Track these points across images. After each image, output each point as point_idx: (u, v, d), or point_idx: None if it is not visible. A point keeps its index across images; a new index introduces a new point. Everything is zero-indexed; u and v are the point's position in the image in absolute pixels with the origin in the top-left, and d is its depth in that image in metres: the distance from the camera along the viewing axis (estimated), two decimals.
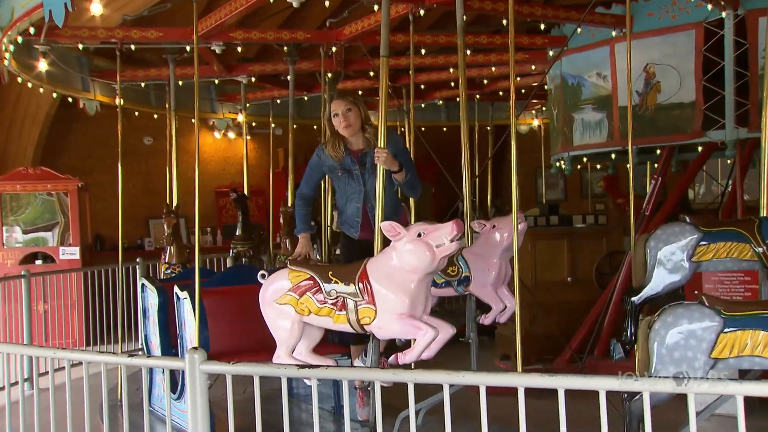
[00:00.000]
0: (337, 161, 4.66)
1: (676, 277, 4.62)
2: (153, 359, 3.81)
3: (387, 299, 3.84)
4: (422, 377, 2.93)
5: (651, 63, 6.78)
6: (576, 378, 2.59)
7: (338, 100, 4.70)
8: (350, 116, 4.61)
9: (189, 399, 3.17)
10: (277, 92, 11.02)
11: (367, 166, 4.64)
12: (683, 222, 4.72)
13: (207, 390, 3.24)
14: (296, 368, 3.22)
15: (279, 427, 3.17)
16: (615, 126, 7.26)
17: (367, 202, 4.66)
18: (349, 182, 4.67)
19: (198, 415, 3.18)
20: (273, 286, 4.12)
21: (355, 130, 4.64)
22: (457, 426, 3.70)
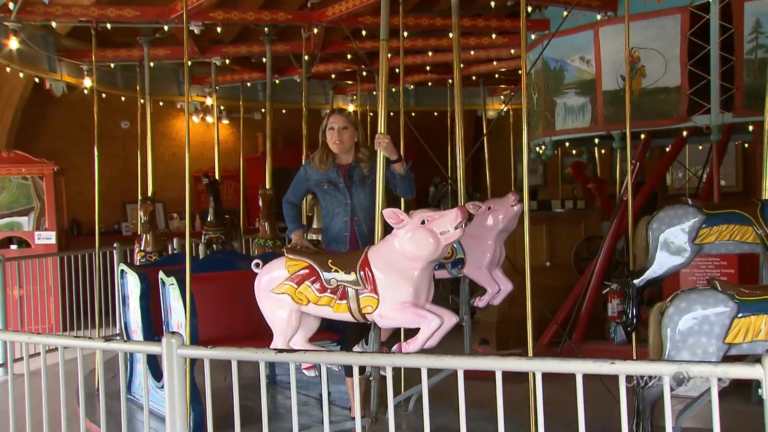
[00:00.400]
0: (323, 174, 4.64)
1: (678, 260, 4.61)
2: (130, 344, 3.78)
3: (390, 287, 3.79)
4: (400, 361, 2.93)
5: (636, 47, 6.71)
6: (552, 361, 2.60)
7: (338, 115, 4.69)
8: (344, 134, 4.61)
9: (167, 383, 3.14)
10: (248, 75, 10.83)
11: (354, 180, 4.62)
12: (686, 204, 4.69)
13: (185, 374, 3.21)
14: (274, 353, 3.19)
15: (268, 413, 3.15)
16: (599, 110, 7.23)
17: (354, 216, 4.61)
18: (335, 196, 4.64)
19: (176, 399, 3.14)
20: (269, 275, 4.06)
21: (344, 149, 4.64)
22: (442, 411, 3.72)
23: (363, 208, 4.62)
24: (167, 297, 5.15)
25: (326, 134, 4.66)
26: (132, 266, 5.99)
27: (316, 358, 3.57)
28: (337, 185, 4.63)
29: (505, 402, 2.66)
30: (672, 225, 4.59)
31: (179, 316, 4.95)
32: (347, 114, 4.74)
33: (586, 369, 2.49)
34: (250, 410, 3.18)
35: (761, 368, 2.20)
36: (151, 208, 7.49)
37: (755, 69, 6.31)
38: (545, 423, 2.58)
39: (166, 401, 3.17)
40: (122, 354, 3.50)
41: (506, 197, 5.04)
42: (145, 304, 5.42)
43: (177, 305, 4.99)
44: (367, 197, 4.63)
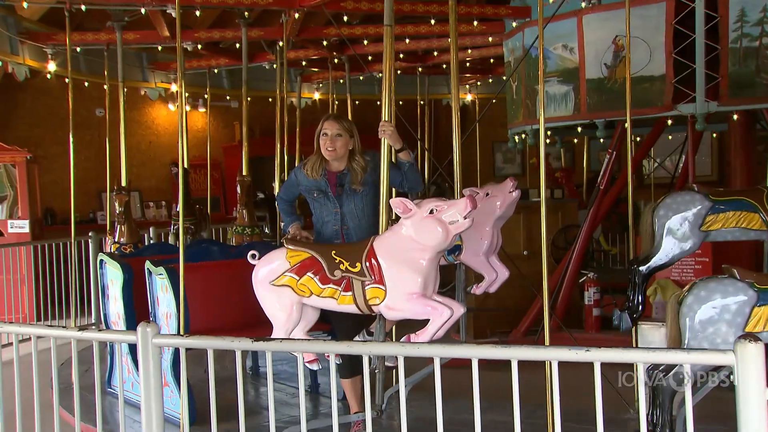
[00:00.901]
0: (313, 182, 4.47)
1: (684, 247, 4.59)
2: (104, 333, 3.73)
3: (398, 278, 3.72)
4: (377, 350, 2.92)
5: (620, 35, 6.66)
6: (528, 349, 2.61)
7: (332, 121, 4.47)
8: (337, 142, 4.41)
9: (142, 373, 3.11)
10: (215, 61, 10.63)
11: (345, 188, 4.45)
12: (693, 191, 4.67)
13: (160, 363, 3.19)
14: (250, 341, 3.17)
15: (256, 406, 3.12)
16: (582, 99, 7.17)
17: (344, 225, 4.46)
18: (325, 204, 4.48)
19: (151, 388, 3.12)
20: (268, 266, 3.96)
21: (336, 157, 4.44)
22: (425, 400, 3.69)
23: (353, 216, 4.45)
24: (154, 287, 5.05)
25: (319, 140, 4.48)
26: (113, 256, 5.87)
27: (291, 346, 3.50)
28: (326, 193, 4.46)
29: (502, 391, 2.63)
30: (678, 211, 4.56)
31: (168, 306, 4.86)
32: (343, 120, 4.54)
33: (561, 356, 2.49)
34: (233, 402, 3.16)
35: (733, 355, 2.22)
36: (126, 198, 7.36)
37: (740, 58, 6.30)
38: (522, 409, 2.58)
39: (141, 391, 3.14)
40: (97, 344, 3.47)
41: (504, 183, 4.95)
42: (127, 295, 5.32)
43: (165, 296, 4.90)
44: (358, 206, 4.46)
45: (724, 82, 6.38)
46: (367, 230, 4.37)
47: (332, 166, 4.48)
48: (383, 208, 4.22)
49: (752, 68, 6.27)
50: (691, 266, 6.73)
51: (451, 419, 3.06)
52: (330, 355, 3.33)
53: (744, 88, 6.30)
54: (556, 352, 2.52)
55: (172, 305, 4.81)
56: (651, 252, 4.63)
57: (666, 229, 4.56)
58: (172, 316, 4.83)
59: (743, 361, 2.19)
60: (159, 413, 3.11)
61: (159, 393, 3.12)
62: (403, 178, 4.39)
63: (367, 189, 4.43)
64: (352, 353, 3.65)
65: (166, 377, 4.85)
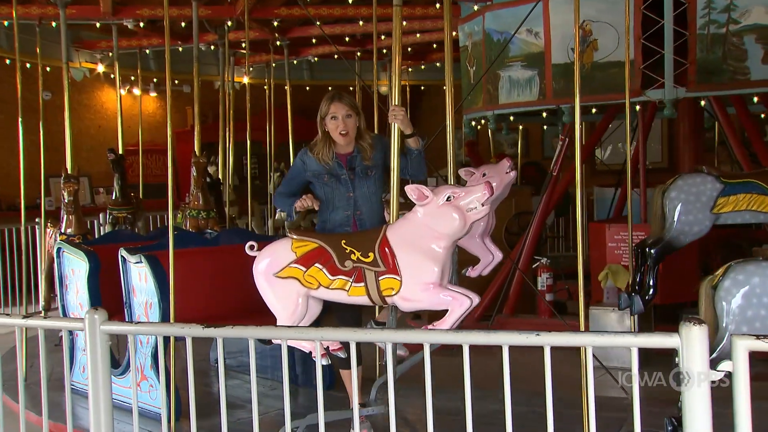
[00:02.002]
0: (323, 165, 4.29)
1: (695, 229, 4.59)
2: (51, 320, 3.64)
3: (414, 268, 3.61)
4: (328, 335, 2.91)
5: (588, 20, 6.59)
6: (480, 334, 2.62)
7: (339, 102, 4.28)
8: (349, 122, 4.25)
9: (89, 360, 3.05)
10: (147, 41, 10.27)
11: (356, 171, 4.28)
12: (704, 173, 4.65)
13: (108, 351, 3.13)
14: (201, 328, 3.13)
15: (239, 399, 3.04)
16: (548, 84, 7.08)
17: (357, 210, 4.27)
18: (337, 188, 4.28)
19: (99, 377, 3.06)
20: (272, 258, 3.81)
21: (350, 139, 4.28)
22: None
23: (366, 200, 4.28)
24: (129, 276, 4.88)
25: (326, 123, 4.29)
26: (75, 244, 5.66)
27: (242, 333, 3.32)
28: (339, 177, 4.27)
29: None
30: (690, 194, 4.55)
31: (149, 295, 4.70)
32: (348, 98, 4.35)
33: (512, 341, 2.52)
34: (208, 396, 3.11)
35: (678, 338, 2.26)
36: (75, 187, 7.10)
37: (708, 44, 6.29)
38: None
39: (89, 379, 3.08)
40: (42, 332, 3.38)
41: (500, 164, 4.88)
42: (93, 285, 5.16)
43: (144, 285, 4.74)
44: (371, 188, 4.30)
45: (692, 68, 6.37)
46: (378, 214, 4.26)
47: (341, 148, 4.32)
48: (395, 196, 4.07)
49: (719, 55, 6.25)
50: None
51: (446, 408, 3.06)
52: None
53: (711, 75, 6.31)
54: (507, 337, 2.55)
55: (154, 294, 4.65)
56: (662, 234, 4.60)
57: (677, 211, 4.55)
58: (153, 305, 4.67)
59: (688, 343, 2.23)
60: (107, 402, 3.05)
61: (107, 381, 3.06)
62: (407, 165, 4.23)
63: (378, 172, 4.29)
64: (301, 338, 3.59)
65: (144, 371, 4.72)
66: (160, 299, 4.62)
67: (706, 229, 4.65)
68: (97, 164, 12.46)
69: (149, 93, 13.01)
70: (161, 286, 4.61)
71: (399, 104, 4.09)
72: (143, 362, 4.74)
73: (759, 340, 2.23)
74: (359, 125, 4.31)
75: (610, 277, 6.67)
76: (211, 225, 8.02)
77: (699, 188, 4.60)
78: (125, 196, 8.79)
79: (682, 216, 4.60)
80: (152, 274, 4.67)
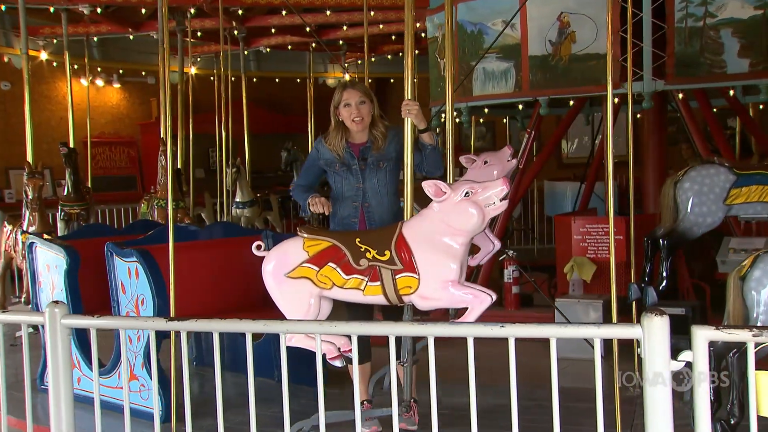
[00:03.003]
0: (336, 154, 4.21)
1: (708, 220, 4.58)
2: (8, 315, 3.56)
3: (432, 266, 3.53)
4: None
5: (565, 12, 6.60)
6: (445, 326, 2.63)
7: (352, 89, 4.20)
8: (363, 109, 4.16)
9: (50, 355, 3.00)
10: (95, 28, 9.99)
11: (368, 162, 4.18)
12: (717, 164, 4.64)
13: (69, 346, 3.08)
14: (164, 321, 3.09)
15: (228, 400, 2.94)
16: (524, 76, 7.05)
17: (365, 202, 4.18)
18: (347, 178, 4.21)
19: (60, 372, 3.01)
20: (283, 257, 3.69)
21: (364, 126, 4.19)
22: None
23: (375, 193, 4.19)
24: (116, 272, 4.75)
25: (340, 112, 4.21)
26: (52, 239, 5.50)
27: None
28: (350, 167, 4.19)
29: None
30: (704, 185, 4.54)
31: (141, 291, 4.58)
32: (361, 86, 4.27)
33: (477, 333, 2.53)
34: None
35: (640, 329, 2.28)
36: (40, 183, 6.86)
37: (685, 37, 6.33)
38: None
39: (50, 374, 3.03)
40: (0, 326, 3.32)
41: (502, 151, 4.85)
42: (72, 281, 5.01)
43: (135, 280, 4.62)
44: (381, 181, 4.20)
45: (671, 61, 6.40)
46: (389, 209, 4.18)
47: (354, 137, 4.24)
48: (408, 193, 3.98)
49: (697, 48, 6.30)
50: (606, 244, 6.89)
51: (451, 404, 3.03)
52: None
53: (689, 68, 6.34)
54: (472, 329, 2.55)
55: (147, 289, 4.53)
56: (675, 226, 4.59)
57: (691, 202, 4.54)
58: (146, 301, 4.55)
59: (650, 334, 2.25)
60: (69, 398, 3.00)
61: (68, 377, 3.01)
62: (423, 161, 4.13)
63: (390, 165, 4.20)
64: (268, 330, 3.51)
65: (134, 370, 4.59)
66: (156, 295, 4.49)
67: (718, 221, 4.65)
68: (58, 156, 12.21)
69: (113, 84, 12.81)
70: (155, 281, 4.49)
71: (412, 98, 4.00)
72: (133, 361, 4.60)
73: (718, 330, 2.25)
74: (374, 113, 4.22)
75: (575, 269, 6.74)
76: (181, 216, 7.87)
77: (712, 179, 4.59)
78: (78, 192, 8.51)
79: (695, 207, 4.59)
80: (145, 270, 4.54)
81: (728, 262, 6.75)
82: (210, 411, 3.54)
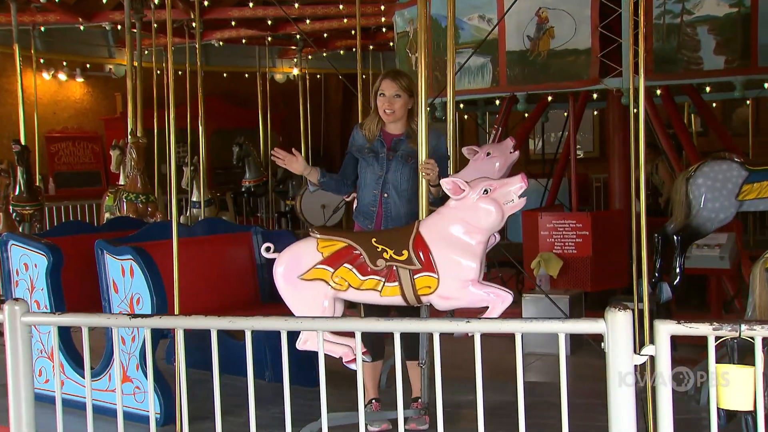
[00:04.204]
0: (368, 141, 4.13)
1: (722, 215, 4.57)
2: None
3: (452, 265, 3.49)
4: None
5: (544, 7, 6.59)
6: (412, 321, 2.64)
7: (390, 81, 4.07)
8: (395, 103, 4.04)
9: (10, 354, 2.94)
10: (42, 17, 9.64)
11: (398, 154, 4.09)
12: (730, 159, 4.63)
13: (30, 344, 3.02)
14: (128, 318, 3.05)
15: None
16: (501, 71, 7.02)
17: (384, 192, 4.08)
18: (372, 164, 4.10)
19: (20, 371, 2.95)
20: (296, 259, 3.61)
21: (395, 119, 4.09)
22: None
23: (396, 185, 4.08)
24: (107, 270, 4.59)
25: (377, 99, 4.12)
26: (32, 236, 5.34)
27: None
28: (377, 154, 4.11)
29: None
30: (717, 180, 4.54)
31: (137, 289, 4.43)
32: (402, 78, 4.13)
33: (442, 328, 2.54)
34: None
35: (604, 323, 2.30)
36: (7, 182, 6.67)
37: (663, 34, 6.38)
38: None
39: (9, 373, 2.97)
40: None
41: (504, 143, 4.82)
42: (55, 281, 4.83)
43: (129, 279, 4.46)
44: (404, 176, 4.09)
45: (649, 57, 6.37)
46: (407, 205, 4.08)
47: (389, 128, 4.16)
48: (423, 192, 3.94)
49: (674, 45, 6.35)
50: (572, 240, 6.93)
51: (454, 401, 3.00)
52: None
53: (666, 64, 6.38)
54: (437, 324, 2.56)
55: (144, 288, 4.38)
56: (688, 221, 4.60)
57: (704, 198, 4.53)
58: (142, 300, 4.40)
59: (613, 328, 2.28)
60: (29, 397, 2.95)
61: (29, 376, 2.95)
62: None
63: (417, 163, 4.05)
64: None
65: (127, 372, 4.43)
66: (154, 293, 4.34)
67: (731, 217, 4.66)
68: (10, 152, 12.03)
69: (76, 78, 12.62)
70: (153, 279, 4.35)
71: (427, 157, 3.91)
72: (127, 363, 4.45)
73: (680, 324, 2.28)
74: (413, 108, 4.11)
75: (542, 264, 6.78)
76: (152, 210, 7.69)
77: (725, 174, 4.60)
78: (31, 192, 8.20)
79: (708, 203, 4.59)
80: (142, 268, 4.39)
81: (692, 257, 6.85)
82: (203, 415, 3.55)
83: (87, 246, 4.77)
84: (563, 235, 6.97)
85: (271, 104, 12.61)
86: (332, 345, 3.60)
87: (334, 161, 14.31)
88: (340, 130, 14.69)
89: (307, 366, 4.53)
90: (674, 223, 4.88)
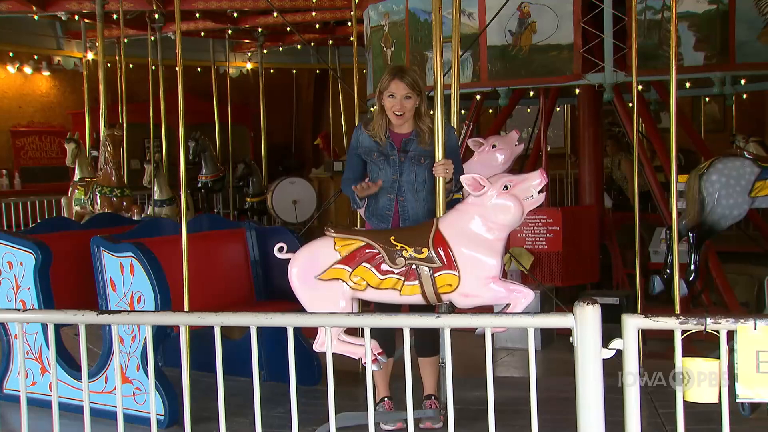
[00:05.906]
0: (375, 142, 4.01)
1: (735, 212, 4.61)
2: None
3: (473, 262, 3.45)
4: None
5: (526, 2, 6.59)
6: (382, 317, 2.64)
7: (400, 81, 3.93)
8: (407, 104, 3.92)
9: None
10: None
11: (409, 154, 3.98)
12: (743, 157, 4.69)
13: None
14: (95, 314, 3.00)
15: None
16: (482, 66, 6.97)
17: (400, 195, 3.99)
18: (384, 168, 3.99)
19: None
20: (313, 259, 3.54)
21: (405, 120, 3.98)
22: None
23: (412, 187, 3.99)
24: (105, 268, 4.47)
25: (384, 99, 3.97)
26: (16, 234, 5.18)
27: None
28: (389, 157, 3.99)
29: None
30: (731, 177, 4.56)
31: (137, 286, 4.32)
32: (410, 77, 3.99)
33: (413, 323, 2.54)
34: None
35: (573, 318, 2.31)
36: None
37: (645, 29, 6.38)
38: None
39: None
40: None
41: (509, 136, 4.79)
42: (44, 279, 4.70)
43: (130, 277, 4.35)
44: (419, 177, 4.00)
45: (630, 53, 6.52)
46: (424, 206, 3.99)
47: (397, 127, 4.04)
48: (440, 189, 3.87)
49: (655, 40, 6.37)
50: (543, 235, 6.97)
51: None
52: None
53: (648, 60, 6.36)
54: (408, 320, 2.56)
55: (146, 285, 4.28)
56: (702, 218, 4.61)
57: (718, 195, 4.56)
58: (144, 298, 4.30)
59: (582, 323, 2.30)
60: None
61: None
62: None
63: (432, 162, 3.95)
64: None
65: (126, 373, 4.33)
66: (158, 291, 4.25)
67: (744, 213, 4.69)
68: None
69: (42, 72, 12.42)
70: (157, 276, 4.26)
71: (444, 157, 3.86)
72: (126, 363, 4.34)
73: (648, 318, 2.30)
74: (420, 107, 4.02)
75: (513, 260, 6.80)
76: (128, 204, 7.58)
77: (738, 171, 4.63)
78: None
79: (722, 200, 4.60)
80: (144, 265, 4.28)
81: (660, 252, 6.92)
82: (203, 415, 3.58)
83: (73, 243, 4.67)
84: (534, 230, 7.01)
85: (240, 99, 12.53)
86: (351, 346, 3.56)
87: (305, 154, 14.26)
88: (311, 124, 14.67)
89: (305, 364, 4.49)
90: (686, 220, 4.89)
